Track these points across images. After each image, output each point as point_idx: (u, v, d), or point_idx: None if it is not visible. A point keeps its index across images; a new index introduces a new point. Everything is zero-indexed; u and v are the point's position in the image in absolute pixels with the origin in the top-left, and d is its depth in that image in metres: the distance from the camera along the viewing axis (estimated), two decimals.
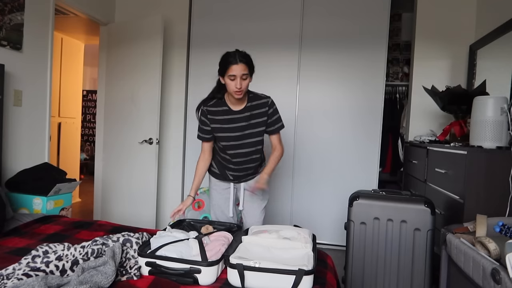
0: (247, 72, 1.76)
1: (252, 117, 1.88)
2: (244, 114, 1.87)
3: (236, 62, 1.72)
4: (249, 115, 1.87)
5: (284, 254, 1.40)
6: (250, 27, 3.33)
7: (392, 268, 1.88)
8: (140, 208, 3.24)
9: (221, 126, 1.88)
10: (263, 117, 1.89)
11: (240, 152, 1.91)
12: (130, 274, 1.31)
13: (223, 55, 1.80)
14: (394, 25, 3.97)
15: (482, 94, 2.18)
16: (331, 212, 3.21)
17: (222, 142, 1.91)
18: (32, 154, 2.64)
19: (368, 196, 1.93)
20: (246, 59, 1.77)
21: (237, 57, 1.73)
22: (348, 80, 3.19)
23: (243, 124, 1.87)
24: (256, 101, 1.89)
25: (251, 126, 1.88)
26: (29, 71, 2.59)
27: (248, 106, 1.88)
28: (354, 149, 3.17)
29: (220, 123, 1.88)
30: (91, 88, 7.11)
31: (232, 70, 1.72)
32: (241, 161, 1.94)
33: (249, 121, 1.87)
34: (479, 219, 1.49)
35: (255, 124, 1.89)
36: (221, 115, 1.87)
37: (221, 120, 1.87)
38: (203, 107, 1.91)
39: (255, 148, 1.93)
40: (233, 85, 1.74)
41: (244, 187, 2.02)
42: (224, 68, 1.75)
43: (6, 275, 1.24)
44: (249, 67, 1.77)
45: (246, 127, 1.88)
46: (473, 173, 1.78)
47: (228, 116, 1.87)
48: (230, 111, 1.87)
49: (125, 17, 3.60)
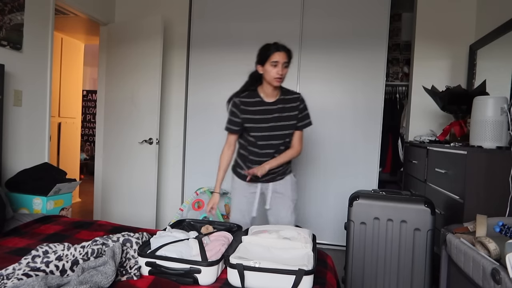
0: (287, 61, 1.85)
1: (284, 109, 1.93)
2: (277, 106, 1.92)
3: (278, 50, 1.82)
4: (282, 107, 1.92)
5: (284, 254, 1.40)
6: (250, 27, 3.33)
7: (392, 268, 1.88)
8: (140, 208, 3.24)
9: (253, 117, 1.91)
10: (294, 111, 1.94)
11: (271, 144, 1.92)
12: (130, 274, 1.31)
13: (263, 45, 1.88)
14: (394, 25, 3.97)
15: (482, 94, 2.18)
16: (331, 212, 3.21)
17: (253, 133, 1.91)
18: (32, 154, 2.64)
19: (368, 196, 1.93)
20: (287, 49, 1.86)
21: (279, 45, 1.84)
22: (348, 80, 3.19)
23: (275, 115, 1.91)
24: (288, 95, 1.96)
25: (283, 118, 1.92)
26: (29, 71, 2.59)
27: (281, 98, 1.94)
28: (354, 149, 3.17)
29: (252, 114, 1.91)
30: (91, 88, 7.11)
31: (275, 57, 1.81)
32: (270, 152, 1.93)
33: (281, 113, 1.92)
34: (479, 219, 1.49)
35: (287, 117, 1.93)
36: (254, 106, 1.91)
37: (254, 111, 1.91)
38: (235, 98, 1.94)
39: (285, 140, 1.95)
40: (275, 71, 1.81)
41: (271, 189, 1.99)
42: (266, 55, 1.83)
43: (6, 275, 1.24)
44: (288, 58, 1.86)
45: (279, 119, 1.91)
46: (473, 173, 1.78)
47: (261, 107, 1.91)
48: (263, 102, 1.92)
49: (125, 17, 3.60)
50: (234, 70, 3.38)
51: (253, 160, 1.95)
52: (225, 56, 3.39)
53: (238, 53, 3.36)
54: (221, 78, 3.41)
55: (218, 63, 3.42)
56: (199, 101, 3.48)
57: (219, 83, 3.41)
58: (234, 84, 3.37)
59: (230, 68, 3.38)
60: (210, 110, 3.44)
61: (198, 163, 3.49)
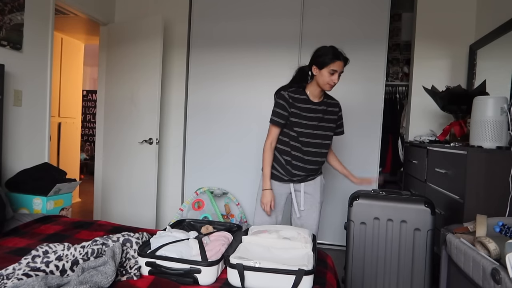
0: (342, 70, 1.89)
1: (327, 112, 1.99)
2: (321, 107, 1.98)
3: (340, 59, 1.85)
4: (325, 109, 1.98)
5: (284, 254, 1.40)
6: (250, 27, 3.33)
7: (392, 268, 1.88)
8: (140, 208, 3.24)
9: (299, 113, 1.93)
10: (334, 116, 2.02)
11: (313, 142, 1.96)
12: (130, 274, 1.31)
13: (325, 48, 1.88)
14: (394, 25, 3.97)
15: (482, 94, 2.18)
16: (331, 212, 3.21)
17: (297, 128, 1.93)
18: (32, 154, 2.64)
19: (368, 196, 1.93)
20: (346, 58, 1.90)
21: (340, 54, 1.86)
22: (348, 80, 3.18)
23: (319, 115, 1.96)
24: (330, 100, 2.02)
25: (325, 120, 1.98)
26: (29, 71, 2.59)
27: (324, 101, 1.99)
28: (354, 149, 3.17)
29: (299, 110, 1.93)
30: (91, 88, 7.11)
31: (336, 65, 1.84)
32: (312, 151, 1.96)
33: (324, 115, 1.97)
34: (479, 219, 1.49)
35: (328, 120, 1.99)
36: (301, 103, 1.94)
37: (300, 108, 1.93)
38: (283, 92, 1.95)
39: (325, 142, 2.00)
40: (331, 79, 1.86)
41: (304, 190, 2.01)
42: (328, 61, 1.84)
43: (6, 275, 1.24)
44: (344, 66, 1.90)
45: (322, 120, 1.97)
46: (473, 173, 1.78)
47: (307, 105, 1.95)
48: (309, 101, 1.96)
49: (125, 17, 3.60)
50: (234, 70, 3.39)
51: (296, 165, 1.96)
52: (225, 56, 3.39)
53: (238, 53, 3.36)
54: (221, 78, 3.41)
55: (218, 63, 3.42)
56: (199, 101, 3.48)
57: (219, 83, 3.41)
58: (234, 84, 3.41)
59: (230, 68, 3.38)
60: (210, 110, 3.44)
61: (198, 163, 3.49)
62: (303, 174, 1.99)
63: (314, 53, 1.93)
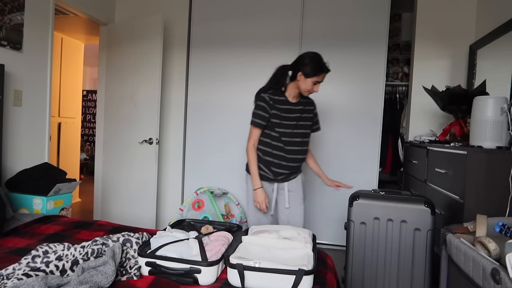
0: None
1: (304, 111, 2.07)
2: (299, 107, 2.05)
3: (327, 71, 1.96)
4: (302, 109, 2.06)
5: (284, 254, 1.40)
6: (250, 27, 3.33)
7: (392, 268, 1.88)
8: (140, 208, 3.24)
9: (280, 114, 1.99)
10: (310, 114, 2.11)
11: (295, 141, 2.02)
12: (130, 274, 1.31)
13: (317, 57, 1.96)
14: (394, 25, 3.97)
15: (482, 94, 2.18)
16: (331, 212, 3.21)
17: (278, 128, 2.00)
18: (32, 154, 2.64)
19: (368, 196, 1.93)
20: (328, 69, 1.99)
21: (326, 66, 1.95)
22: (348, 80, 3.19)
23: (297, 115, 2.04)
24: (306, 99, 2.09)
25: (303, 118, 2.06)
26: (29, 71, 2.59)
27: (301, 101, 2.07)
28: (354, 149, 3.17)
29: (279, 111, 1.99)
30: (91, 88, 7.11)
31: (321, 77, 1.95)
32: (294, 149, 2.03)
33: (301, 114, 2.05)
34: (479, 219, 1.49)
35: (306, 118, 2.08)
36: (280, 104, 2.01)
37: (280, 109, 2.00)
38: (263, 94, 2.01)
39: (305, 139, 2.08)
40: (313, 88, 1.96)
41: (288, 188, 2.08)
42: (317, 71, 1.92)
43: (6, 275, 1.24)
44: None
45: (300, 119, 2.05)
46: (473, 173, 1.78)
47: (286, 106, 2.02)
48: (288, 102, 2.03)
49: (125, 17, 3.60)
50: (234, 70, 3.39)
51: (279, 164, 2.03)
52: (225, 55, 3.39)
53: (238, 53, 3.36)
54: (221, 77, 3.41)
55: (218, 63, 3.42)
56: (199, 101, 3.48)
57: (219, 83, 3.41)
58: (234, 84, 3.41)
59: (230, 68, 3.38)
60: (210, 110, 3.44)
61: (198, 163, 3.49)
62: (287, 172, 2.06)
63: (301, 59, 1.97)
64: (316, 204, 3.25)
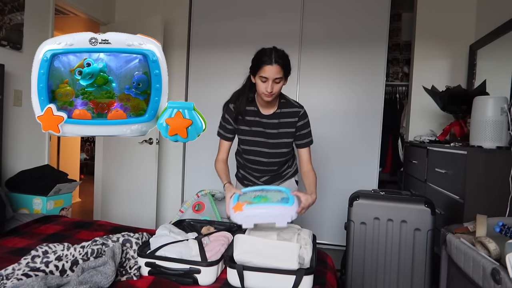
0: (281, 76, 1.58)
1: (281, 125, 1.73)
2: (273, 121, 1.72)
3: (270, 63, 1.54)
4: (278, 122, 1.72)
5: (281, 252, 1.38)
6: (250, 27, 3.33)
7: (392, 268, 1.87)
8: (140, 208, 3.24)
9: (246, 128, 1.75)
10: (291, 128, 1.73)
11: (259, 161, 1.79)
12: (130, 274, 1.31)
13: (258, 51, 1.63)
14: (394, 25, 3.97)
15: (482, 94, 2.17)
16: (331, 212, 3.20)
17: (243, 146, 1.79)
18: (32, 154, 2.64)
19: (368, 196, 1.93)
20: (283, 60, 1.58)
21: (273, 57, 1.55)
22: (348, 80, 3.19)
23: (272, 131, 1.73)
24: (287, 109, 1.73)
25: (280, 135, 1.74)
26: (29, 71, 2.57)
27: (278, 112, 1.72)
28: (354, 149, 3.17)
29: (246, 125, 1.74)
30: None
31: (264, 71, 1.56)
32: (260, 169, 1.82)
33: (278, 129, 1.73)
34: (479, 219, 1.49)
35: (284, 134, 1.74)
36: (249, 116, 1.73)
37: (248, 121, 1.73)
38: (230, 104, 1.76)
39: (280, 159, 1.80)
40: (264, 87, 1.58)
41: None
42: (256, 67, 1.59)
43: (5, 275, 1.23)
44: (284, 70, 1.59)
45: (275, 136, 1.73)
46: (473, 173, 1.78)
47: (256, 118, 1.73)
48: (259, 113, 1.73)
49: (125, 17, 3.60)
50: (234, 70, 3.38)
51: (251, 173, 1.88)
52: (225, 56, 3.39)
53: (238, 53, 3.35)
54: (221, 78, 3.41)
55: (218, 63, 3.42)
56: (199, 101, 3.47)
57: (219, 83, 3.41)
58: (234, 84, 3.38)
59: (230, 68, 3.38)
60: (210, 110, 3.38)
61: (198, 163, 3.49)
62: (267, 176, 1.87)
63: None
64: (316, 204, 3.21)
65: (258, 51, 1.64)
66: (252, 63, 1.64)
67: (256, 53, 1.65)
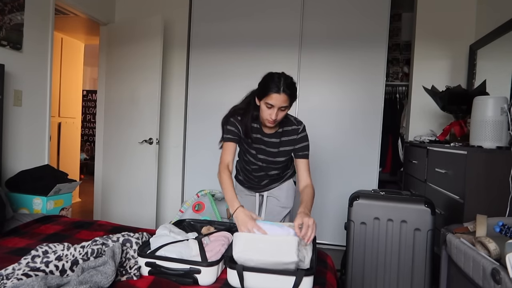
0: (287, 105, 1.57)
1: (282, 144, 1.75)
2: (274, 140, 1.74)
3: (278, 92, 1.52)
4: (279, 141, 1.74)
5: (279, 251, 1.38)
6: (250, 27, 3.33)
7: (392, 268, 1.87)
8: (140, 208, 3.24)
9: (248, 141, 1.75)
10: (291, 146, 1.76)
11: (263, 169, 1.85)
12: (130, 274, 1.31)
13: (266, 75, 1.62)
14: (394, 25, 3.97)
15: (482, 94, 2.18)
16: (331, 212, 3.21)
17: (244, 157, 1.85)
18: (32, 154, 2.64)
19: (368, 196, 1.93)
20: (291, 90, 1.55)
21: (281, 85, 1.53)
22: (348, 80, 3.19)
23: (272, 150, 1.75)
24: (287, 127, 1.75)
25: (280, 154, 1.77)
26: (29, 71, 2.59)
27: (280, 132, 1.74)
28: (354, 149, 3.17)
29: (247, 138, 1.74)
30: (91, 88, 7.11)
31: (271, 99, 1.54)
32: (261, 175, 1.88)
33: (279, 148, 1.75)
34: (479, 219, 1.49)
35: (284, 152, 1.77)
36: (252, 132, 1.72)
37: (251, 138, 1.74)
38: (231, 118, 1.71)
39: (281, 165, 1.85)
40: (268, 113, 1.57)
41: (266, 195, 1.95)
42: (263, 93, 1.56)
43: (5, 275, 1.23)
44: (290, 99, 1.57)
45: (275, 154, 1.77)
46: (473, 173, 1.78)
47: (258, 135, 1.74)
48: (261, 131, 1.74)
49: (125, 17, 3.60)
50: (234, 70, 3.39)
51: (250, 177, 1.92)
52: (225, 56, 3.39)
53: (238, 53, 3.36)
54: (221, 78, 3.41)
55: (218, 63, 3.42)
56: (199, 101, 3.48)
57: (219, 83, 3.41)
58: (234, 84, 3.41)
59: (230, 68, 3.38)
60: (210, 110, 3.43)
61: (198, 163, 3.49)
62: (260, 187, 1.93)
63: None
64: (316, 204, 3.23)
65: (266, 76, 1.62)
66: (259, 88, 1.63)
67: (263, 77, 1.63)
